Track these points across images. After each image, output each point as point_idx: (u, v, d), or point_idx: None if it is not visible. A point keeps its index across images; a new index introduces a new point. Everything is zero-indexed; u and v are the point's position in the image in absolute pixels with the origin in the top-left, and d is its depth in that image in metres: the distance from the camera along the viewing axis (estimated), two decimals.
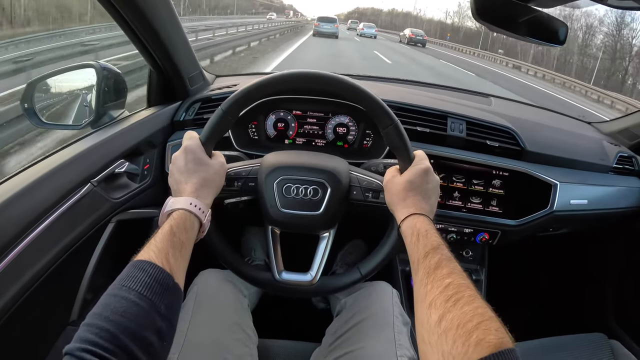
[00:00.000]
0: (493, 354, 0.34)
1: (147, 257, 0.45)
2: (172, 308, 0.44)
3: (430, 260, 0.48)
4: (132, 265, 0.45)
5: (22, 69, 2.50)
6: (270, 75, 0.63)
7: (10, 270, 0.55)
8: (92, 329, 0.37)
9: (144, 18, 0.74)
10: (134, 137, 0.83)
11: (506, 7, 0.60)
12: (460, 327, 0.37)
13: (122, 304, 0.39)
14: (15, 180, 0.61)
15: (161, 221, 0.55)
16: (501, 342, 0.35)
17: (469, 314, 0.38)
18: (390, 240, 0.66)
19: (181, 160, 0.59)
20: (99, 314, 0.38)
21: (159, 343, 0.40)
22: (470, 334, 0.36)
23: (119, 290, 0.41)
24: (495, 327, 0.37)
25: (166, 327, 0.42)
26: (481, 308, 0.39)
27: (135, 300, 0.40)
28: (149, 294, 0.41)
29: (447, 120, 0.95)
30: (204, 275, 0.77)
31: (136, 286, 0.41)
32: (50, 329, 0.71)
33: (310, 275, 0.68)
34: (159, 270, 0.44)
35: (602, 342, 0.98)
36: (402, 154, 0.63)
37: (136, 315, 0.39)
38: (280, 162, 0.68)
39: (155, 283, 0.42)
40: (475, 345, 0.35)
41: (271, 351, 0.75)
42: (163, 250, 0.47)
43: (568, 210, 0.94)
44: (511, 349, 0.35)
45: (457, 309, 0.40)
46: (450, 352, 0.36)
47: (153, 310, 0.41)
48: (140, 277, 0.42)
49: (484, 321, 0.37)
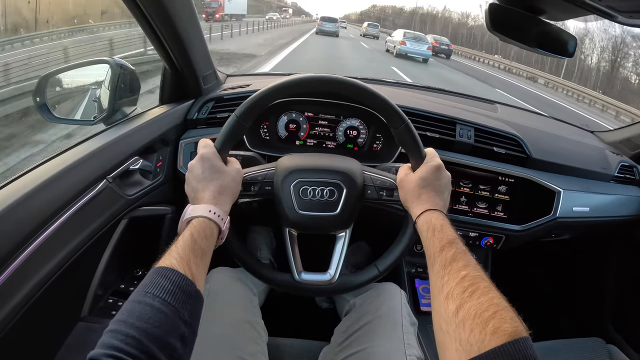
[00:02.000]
0: (509, 342, 0.35)
1: (169, 264, 0.46)
2: (194, 314, 0.44)
3: (446, 253, 0.50)
4: (154, 271, 0.45)
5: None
6: (282, 80, 0.64)
7: (26, 266, 0.55)
8: (117, 335, 0.37)
9: (165, 15, 0.74)
10: (147, 134, 0.83)
11: (519, 20, 0.61)
12: (477, 316, 0.39)
13: (146, 310, 0.40)
14: (33, 175, 0.61)
15: (180, 228, 0.55)
16: (516, 331, 0.36)
17: (485, 304, 0.40)
18: (406, 236, 0.68)
19: (198, 169, 0.60)
20: (124, 321, 0.39)
21: (182, 348, 0.41)
22: (487, 323, 0.38)
23: (143, 297, 0.41)
24: (510, 317, 0.38)
25: (189, 332, 0.42)
26: (496, 298, 0.41)
27: (160, 307, 0.40)
28: (172, 300, 0.42)
29: (456, 127, 0.97)
30: (215, 273, 0.78)
31: (160, 293, 0.42)
32: (62, 325, 0.71)
33: (330, 274, 0.69)
34: (182, 278, 0.44)
35: (599, 347, 1.00)
36: (413, 152, 0.64)
37: (161, 322, 0.39)
38: (296, 165, 0.69)
39: (178, 290, 0.43)
40: (492, 334, 0.36)
41: (281, 349, 0.76)
42: (185, 258, 0.47)
43: (570, 217, 0.96)
44: (526, 337, 0.36)
45: (474, 299, 0.41)
46: (467, 340, 0.38)
47: (177, 316, 0.41)
48: (163, 284, 0.43)
49: (500, 311, 0.39)
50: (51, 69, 0.84)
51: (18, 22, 2.58)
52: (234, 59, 8.15)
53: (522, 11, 0.61)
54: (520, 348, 0.35)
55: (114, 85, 0.83)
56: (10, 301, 0.53)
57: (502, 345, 0.35)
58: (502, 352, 0.35)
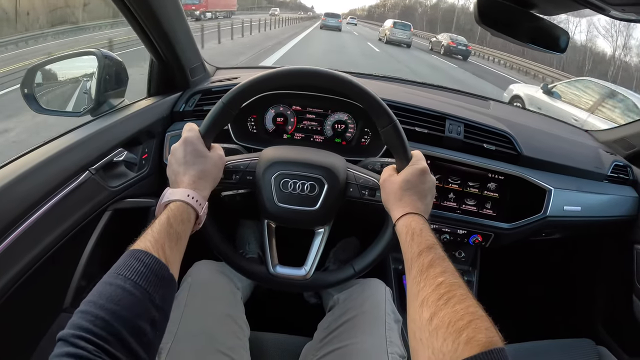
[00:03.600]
0: (482, 353, 0.34)
1: (144, 246, 0.45)
2: (166, 298, 0.44)
3: (424, 259, 0.49)
4: (128, 254, 0.45)
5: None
6: (271, 70, 0.63)
7: (6, 255, 0.55)
8: (86, 316, 0.37)
9: (149, 7, 0.74)
10: (133, 126, 0.83)
11: (509, 13, 0.60)
12: (450, 325, 0.38)
13: (117, 292, 0.39)
14: (14, 166, 0.61)
15: (158, 211, 0.55)
16: (491, 341, 0.36)
17: (460, 313, 0.39)
18: (385, 238, 0.67)
19: (180, 152, 0.59)
20: (94, 302, 0.38)
21: (152, 332, 0.40)
22: (461, 333, 0.37)
23: (114, 279, 0.41)
24: (485, 326, 0.37)
25: (160, 317, 0.42)
26: (472, 307, 0.40)
27: (131, 289, 0.40)
28: (144, 283, 0.41)
29: (446, 122, 0.96)
30: (198, 266, 0.78)
31: (132, 275, 0.41)
32: (44, 315, 0.72)
33: (304, 270, 0.69)
34: (155, 261, 0.44)
35: (589, 348, 0.99)
36: (399, 153, 0.63)
37: (131, 304, 0.39)
38: (279, 157, 0.68)
39: (150, 273, 0.43)
40: (465, 344, 0.36)
41: (263, 344, 0.76)
42: (159, 241, 0.47)
43: (561, 216, 0.95)
44: (500, 349, 0.35)
45: (449, 307, 0.40)
46: (440, 349, 0.37)
47: (147, 300, 0.41)
48: (136, 266, 0.42)
49: (475, 320, 0.38)
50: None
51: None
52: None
53: (512, 5, 0.60)
54: (494, 359, 0.34)
55: (100, 77, 0.82)
56: None
57: (475, 355, 0.34)
58: None
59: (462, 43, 17.53)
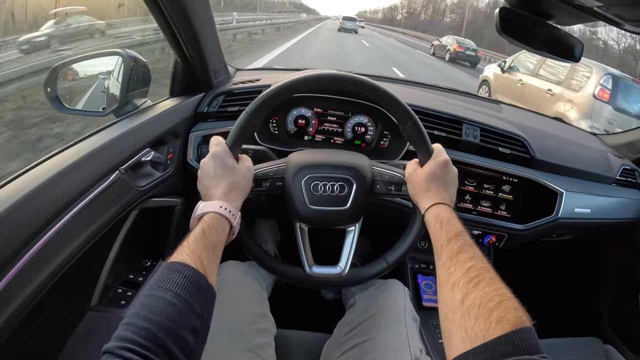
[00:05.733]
0: (513, 331, 0.36)
1: (181, 258, 0.46)
2: (206, 308, 0.45)
3: (453, 245, 0.51)
4: (166, 266, 0.45)
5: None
6: (293, 77, 0.65)
7: (41, 256, 0.55)
8: (131, 328, 0.37)
9: (181, 9, 0.75)
10: (159, 126, 0.84)
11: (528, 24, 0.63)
12: (482, 306, 0.40)
13: (159, 303, 0.40)
14: (48, 165, 0.62)
15: (192, 224, 0.56)
16: (520, 320, 0.38)
17: (490, 294, 0.41)
18: (415, 229, 0.69)
19: (210, 167, 0.60)
20: (137, 314, 0.39)
21: (194, 341, 0.41)
22: (492, 312, 0.39)
23: (155, 291, 0.42)
24: (514, 307, 0.40)
25: (201, 326, 0.43)
26: (501, 289, 0.42)
27: (172, 300, 0.41)
28: (184, 294, 0.42)
29: (462, 126, 0.98)
30: (226, 266, 0.79)
31: (172, 287, 0.42)
32: (72, 314, 0.72)
33: (340, 267, 0.71)
34: (193, 272, 0.45)
35: (596, 347, 1.03)
36: (421, 147, 0.66)
37: (173, 315, 0.40)
38: (307, 161, 0.70)
39: (190, 284, 0.43)
40: (496, 323, 0.38)
41: (287, 341, 0.78)
42: (196, 252, 0.48)
43: (572, 218, 0.98)
44: (529, 327, 0.37)
45: (479, 289, 0.43)
46: (473, 328, 0.39)
47: (189, 310, 0.42)
48: (175, 278, 0.43)
49: (504, 301, 0.40)
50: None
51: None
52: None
53: (531, 15, 0.63)
54: (524, 337, 0.36)
55: (126, 77, 0.83)
56: (24, 290, 0.53)
57: (506, 334, 0.36)
58: (507, 340, 0.36)
59: (471, 48, 14.79)
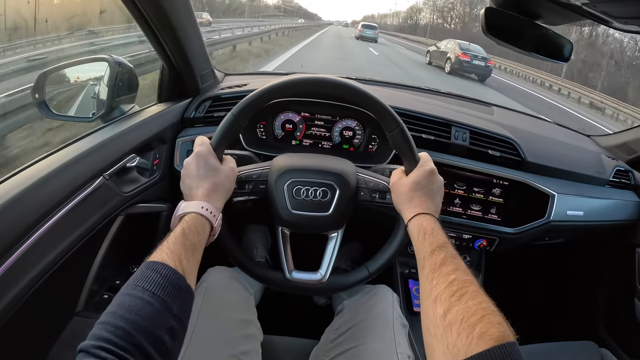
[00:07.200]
0: (495, 347, 0.36)
1: (160, 258, 0.46)
2: (184, 308, 0.45)
3: (436, 257, 0.50)
4: (145, 266, 0.45)
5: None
6: (279, 80, 0.65)
7: (23, 261, 0.56)
8: (107, 327, 0.37)
9: (163, 14, 0.75)
10: (145, 132, 0.84)
11: (515, 24, 0.62)
12: (464, 320, 0.39)
13: (136, 303, 0.40)
14: (31, 172, 0.62)
15: (173, 224, 0.56)
16: (503, 335, 0.37)
17: (473, 308, 0.40)
18: (397, 239, 0.69)
19: (193, 166, 0.60)
20: (114, 313, 0.39)
21: (171, 342, 0.41)
22: (474, 327, 0.38)
23: (132, 290, 0.42)
24: (497, 321, 0.39)
25: (178, 326, 0.43)
26: (484, 303, 0.41)
27: (149, 299, 0.41)
28: (162, 294, 0.42)
29: (451, 129, 0.98)
30: (212, 272, 0.79)
31: (150, 286, 0.42)
32: (57, 319, 0.72)
33: (320, 274, 0.70)
34: (172, 272, 0.45)
35: (592, 350, 1.01)
36: (407, 156, 0.65)
37: (150, 315, 0.40)
38: (290, 165, 0.70)
39: (168, 284, 0.43)
40: (479, 338, 0.37)
41: (274, 347, 0.77)
42: (175, 252, 0.48)
43: (564, 220, 0.96)
44: (512, 342, 0.37)
45: (462, 303, 0.42)
46: (454, 344, 0.38)
47: (166, 310, 0.42)
48: (153, 277, 0.43)
49: (487, 315, 0.39)
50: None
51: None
52: None
53: (518, 15, 0.62)
54: (507, 352, 0.35)
55: (112, 83, 0.83)
56: (7, 295, 0.54)
57: (488, 349, 0.36)
58: (488, 356, 0.35)
59: (480, 56, 11.46)
